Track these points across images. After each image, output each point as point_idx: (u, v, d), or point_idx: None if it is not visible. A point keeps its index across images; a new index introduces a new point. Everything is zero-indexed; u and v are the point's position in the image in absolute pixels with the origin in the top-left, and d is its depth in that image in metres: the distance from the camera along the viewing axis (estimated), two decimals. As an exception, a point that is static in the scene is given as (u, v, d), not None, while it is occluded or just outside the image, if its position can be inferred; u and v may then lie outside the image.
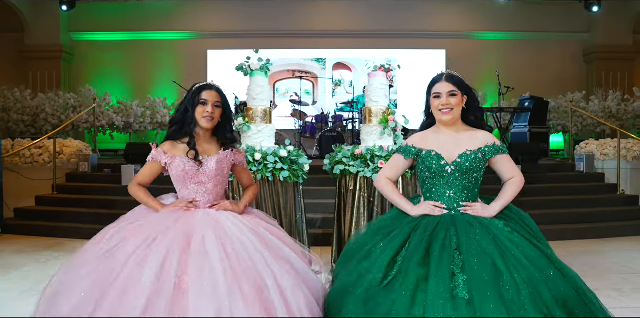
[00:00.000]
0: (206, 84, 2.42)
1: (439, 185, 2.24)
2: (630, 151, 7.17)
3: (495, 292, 1.83)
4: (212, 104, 2.37)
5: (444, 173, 2.23)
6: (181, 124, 2.39)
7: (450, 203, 2.22)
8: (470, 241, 2.01)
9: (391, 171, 2.41)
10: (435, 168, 2.24)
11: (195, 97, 2.38)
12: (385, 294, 1.93)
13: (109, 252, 2.03)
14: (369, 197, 3.91)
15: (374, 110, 4.05)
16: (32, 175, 6.75)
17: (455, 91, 2.26)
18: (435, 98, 2.28)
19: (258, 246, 2.12)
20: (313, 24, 10.93)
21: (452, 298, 1.83)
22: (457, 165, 2.22)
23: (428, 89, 2.34)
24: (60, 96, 9.24)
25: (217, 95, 2.40)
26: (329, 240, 4.41)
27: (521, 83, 10.31)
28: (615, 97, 9.49)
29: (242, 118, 3.98)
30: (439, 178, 2.24)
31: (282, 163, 3.79)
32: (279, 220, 3.89)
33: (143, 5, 10.78)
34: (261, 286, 1.95)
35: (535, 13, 11.04)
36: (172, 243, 2.02)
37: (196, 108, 2.37)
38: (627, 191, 6.98)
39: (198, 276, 1.90)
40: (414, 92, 10.59)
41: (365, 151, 3.90)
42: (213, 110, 2.37)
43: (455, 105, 2.25)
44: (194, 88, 2.42)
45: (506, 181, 2.32)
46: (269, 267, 2.04)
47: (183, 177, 2.36)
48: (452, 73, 2.33)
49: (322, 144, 8.30)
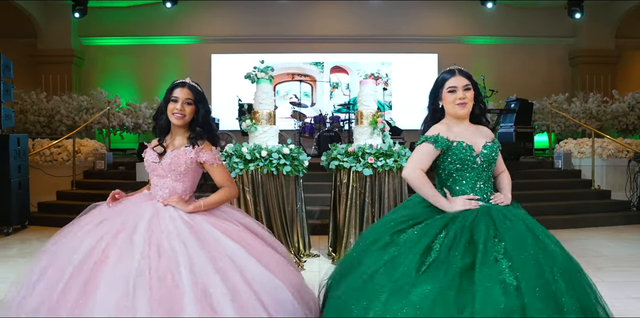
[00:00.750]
0: (180, 81, 2.44)
1: (470, 177, 2.24)
2: (605, 150, 7.74)
3: (541, 279, 1.85)
4: (182, 101, 2.39)
5: (475, 164, 2.23)
6: (157, 121, 2.46)
7: (482, 194, 2.23)
8: (507, 229, 2.02)
9: (419, 161, 2.26)
10: (468, 160, 2.22)
11: (168, 94, 2.42)
12: (425, 280, 1.90)
13: (69, 233, 2.23)
14: (360, 188, 4.48)
15: (364, 113, 4.62)
16: (52, 172, 7.31)
17: (470, 85, 2.28)
18: (451, 92, 2.27)
19: (185, 237, 2.13)
20: (312, 30, 11.49)
21: (500, 283, 1.82)
22: (484, 156, 2.24)
23: (437, 84, 2.33)
24: (74, 98, 9.79)
25: (189, 93, 2.41)
26: (326, 230, 4.98)
27: (510, 85, 10.90)
28: (595, 99, 10.05)
29: (249, 120, 4.55)
30: (469, 170, 2.23)
31: (284, 159, 4.36)
32: (282, 209, 4.46)
33: (149, 12, 11.33)
34: (173, 272, 1.98)
35: (522, 19, 11.60)
36: (109, 229, 2.16)
37: (168, 105, 2.41)
38: (602, 186, 7.56)
39: (115, 260, 2.00)
40: (407, 94, 11.19)
41: (357, 149, 4.47)
42: (182, 108, 2.38)
43: (470, 100, 2.27)
44: (171, 84, 2.48)
45: (498, 174, 2.42)
46: (188, 256, 2.04)
47: (148, 169, 2.44)
48: (462, 68, 2.34)
49: (320, 143, 8.78)
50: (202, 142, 2.41)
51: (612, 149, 7.74)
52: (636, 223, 6.66)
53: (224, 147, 4.47)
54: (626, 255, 4.93)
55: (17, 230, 6.16)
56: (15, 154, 5.98)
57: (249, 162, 4.31)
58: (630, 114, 9.62)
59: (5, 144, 5.84)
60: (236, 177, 4.30)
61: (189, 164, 2.37)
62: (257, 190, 4.34)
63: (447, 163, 2.23)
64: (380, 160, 4.39)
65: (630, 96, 9.69)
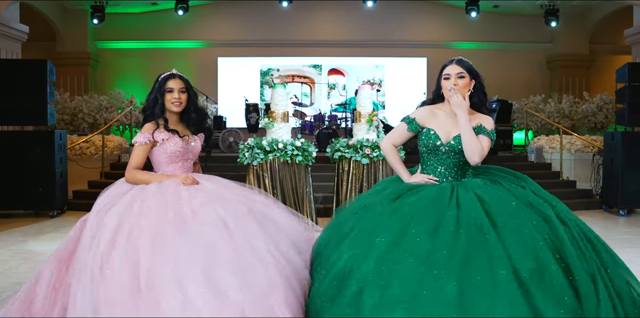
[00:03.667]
0: (169, 73, 2.63)
1: (433, 160, 2.40)
2: (573, 145, 8.76)
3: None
4: (178, 90, 2.58)
5: (438, 151, 2.38)
6: (152, 110, 2.59)
7: (441, 177, 2.38)
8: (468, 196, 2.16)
9: (392, 136, 2.51)
10: (431, 147, 2.39)
11: (162, 86, 2.59)
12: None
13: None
14: (359, 175, 5.45)
15: (362, 113, 5.59)
16: (84, 164, 8.23)
17: (464, 73, 2.38)
18: (445, 79, 2.40)
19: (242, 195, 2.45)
20: (311, 35, 12.43)
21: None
22: (450, 146, 2.36)
23: (440, 72, 2.46)
24: (94, 98, 10.67)
25: (181, 82, 2.61)
26: (328, 213, 5.97)
27: (492, 87, 11.58)
28: (568, 100, 11.07)
29: (267, 118, 5.50)
30: (433, 155, 2.39)
31: (297, 150, 5.32)
32: (295, 192, 5.41)
33: (161, 18, 12.21)
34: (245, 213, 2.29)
35: (505, 26, 12.54)
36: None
37: (165, 96, 2.57)
38: (570, 177, 8.58)
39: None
40: (399, 94, 12.18)
41: (356, 142, 5.44)
42: (179, 96, 2.58)
43: (462, 87, 2.37)
44: (159, 79, 2.63)
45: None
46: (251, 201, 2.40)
47: (176, 155, 2.55)
48: (463, 58, 2.46)
49: (319, 140, 9.61)
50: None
51: (579, 145, 8.76)
52: (597, 209, 7.69)
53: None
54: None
55: (59, 214, 7.06)
56: (58, 147, 6.88)
57: (268, 153, 5.26)
58: (599, 114, 10.65)
59: (51, 138, 6.74)
60: (257, 165, 5.25)
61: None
62: (274, 176, 5.29)
63: (420, 146, 2.45)
64: (375, 151, 5.36)
65: (599, 98, 10.72)
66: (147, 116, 2.62)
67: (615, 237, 5.59)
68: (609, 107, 10.60)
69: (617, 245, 5.13)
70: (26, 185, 6.60)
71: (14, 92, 6.58)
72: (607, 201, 7.51)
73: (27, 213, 6.98)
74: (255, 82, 12.33)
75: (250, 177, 5.30)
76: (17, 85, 6.60)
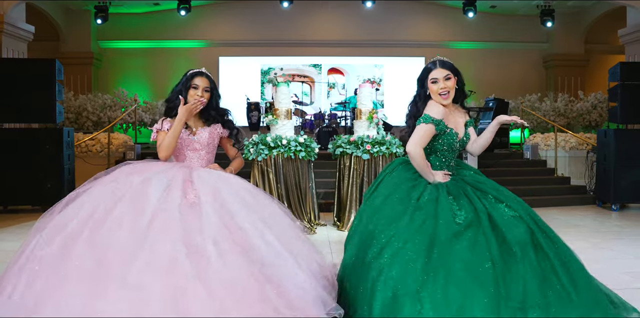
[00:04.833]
0: (199, 70, 2.74)
1: (449, 157, 2.60)
2: (567, 143, 8.98)
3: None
4: (202, 88, 2.69)
5: (455, 148, 2.60)
6: (174, 103, 2.70)
7: (451, 170, 2.62)
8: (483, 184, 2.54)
9: (421, 141, 2.53)
10: (453, 145, 2.57)
11: (189, 81, 2.69)
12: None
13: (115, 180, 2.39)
14: (360, 170, 5.65)
15: (363, 110, 5.78)
16: (90, 161, 8.41)
17: (450, 75, 2.54)
18: (434, 83, 2.54)
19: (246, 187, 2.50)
20: (311, 35, 12.64)
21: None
22: (463, 142, 2.63)
23: (422, 75, 2.60)
24: (98, 97, 10.85)
25: (207, 81, 2.71)
26: (329, 208, 6.16)
27: (489, 86, 12.11)
28: (563, 99, 11.29)
29: (271, 115, 5.69)
30: (451, 151, 2.59)
31: (300, 146, 5.51)
32: (298, 187, 5.60)
33: (163, 18, 12.39)
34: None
35: (501, 26, 12.78)
36: (175, 174, 2.40)
37: (189, 91, 2.67)
38: (564, 174, 8.79)
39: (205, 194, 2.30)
40: (398, 93, 12.37)
41: (357, 138, 5.63)
42: (203, 94, 2.68)
43: (451, 88, 2.54)
44: (187, 74, 2.74)
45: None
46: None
47: (180, 144, 2.69)
48: (443, 59, 2.59)
49: (320, 138, 9.71)
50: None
51: (573, 142, 8.97)
52: (590, 204, 7.90)
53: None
54: (572, 225, 6.12)
55: (67, 209, 7.23)
56: (66, 145, 7.06)
57: (273, 149, 5.45)
58: (593, 112, 10.87)
59: (60, 136, 6.93)
60: (262, 160, 5.45)
61: (216, 138, 2.81)
62: (278, 171, 5.48)
63: (437, 144, 2.56)
64: (375, 147, 5.55)
65: (593, 96, 10.94)
66: (169, 108, 2.76)
67: (607, 229, 5.80)
68: (603, 106, 10.82)
69: (607, 237, 5.36)
70: (36, 181, 6.78)
71: (24, 91, 6.77)
72: (600, 197, 7.71)
73: (36, 209, 7.15)
74: (256, 81, 12.52)
75: (255, 172, 5.48)
76: (26, 84, 6.78)
